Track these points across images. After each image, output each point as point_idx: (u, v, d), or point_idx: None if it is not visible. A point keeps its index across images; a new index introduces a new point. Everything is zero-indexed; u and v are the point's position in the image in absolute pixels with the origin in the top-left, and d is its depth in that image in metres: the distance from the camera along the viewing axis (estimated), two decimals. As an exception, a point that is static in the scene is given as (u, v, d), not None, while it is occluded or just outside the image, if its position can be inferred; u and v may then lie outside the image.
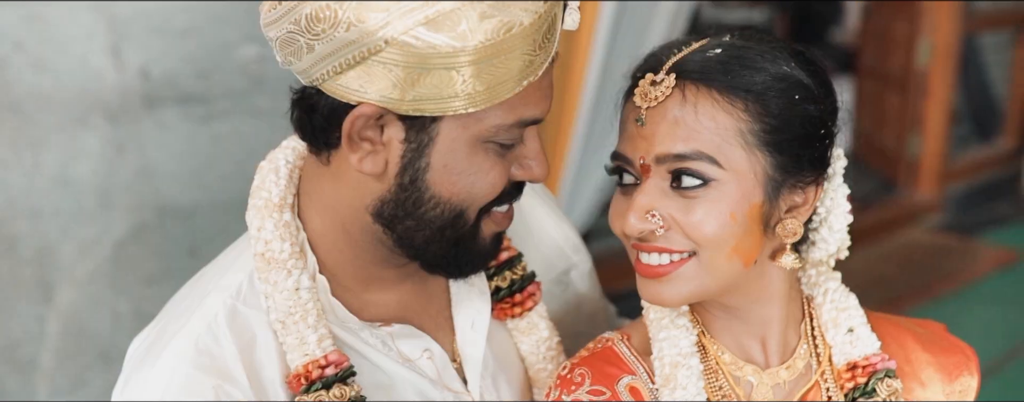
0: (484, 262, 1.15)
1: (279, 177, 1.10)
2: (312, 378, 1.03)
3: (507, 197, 1.09)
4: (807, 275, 1.19)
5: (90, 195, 2.22)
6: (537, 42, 0.99)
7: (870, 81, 5.66)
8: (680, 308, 1.14)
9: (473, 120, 1.01)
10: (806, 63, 1.08)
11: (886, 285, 4.22)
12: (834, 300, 1.17)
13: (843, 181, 1.14)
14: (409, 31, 0.94)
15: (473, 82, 0.97)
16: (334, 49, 0.96)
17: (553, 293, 1.30)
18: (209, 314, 1.05)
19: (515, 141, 1.06)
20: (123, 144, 2.24)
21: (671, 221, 1.04)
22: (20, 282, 2.20)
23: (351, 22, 0.94)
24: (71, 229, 2.22)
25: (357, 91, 0.98)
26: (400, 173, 1.03)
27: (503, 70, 0.98)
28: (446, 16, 0.94)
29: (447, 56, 0.95)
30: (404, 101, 0.98)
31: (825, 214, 1.13)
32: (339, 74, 0.98)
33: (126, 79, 2.21)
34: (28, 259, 2.20)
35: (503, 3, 0.95)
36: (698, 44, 1.07)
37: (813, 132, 1.07)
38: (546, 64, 1.02)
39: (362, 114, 0.99)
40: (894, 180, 5.32)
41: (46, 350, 2.25)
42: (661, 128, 1.03)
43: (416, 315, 1.17)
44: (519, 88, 1.00)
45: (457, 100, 0.98)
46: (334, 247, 1.10)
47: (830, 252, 1.15)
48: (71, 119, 2.17)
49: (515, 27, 0.96)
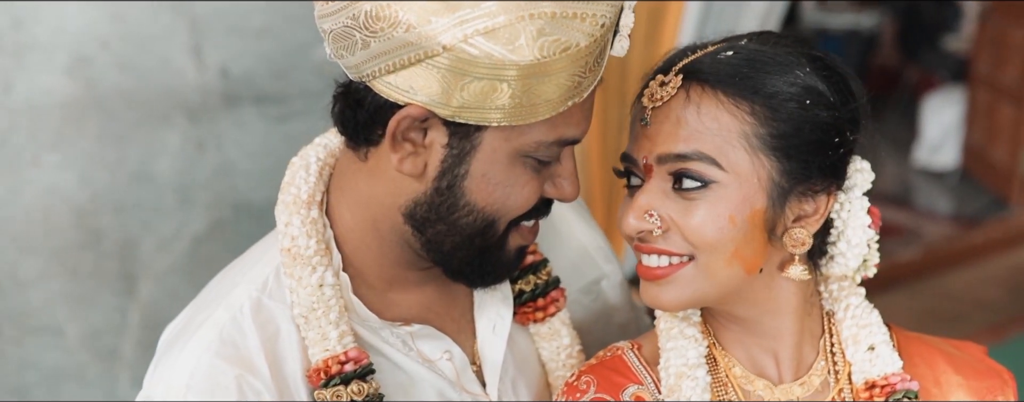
0: (506, 274, 1.15)
1: (309, 174, 1.11)
2: (331, 373, 1.05)
3: (536, 212, 1.10)
4: (829, 290, 1.15)
5: (170, 191, 2.29)
6: (588, 65, 1.00)
7: (983, 91, 5.43)
8: (692, 318, 1.12)
9: (516, 133, 1.02)
10: (823, 69, 1.05)
11: (990, 309, 4.03)
12: (855, 316, 1.12)
13: (865, 194, 1.09)
14: (468, 39, 0.94)
15: (520, 96, 0.98)
16: (389, 48, 0.97)
17: (581, 302, 1.29)
18: (235, 305, 1.07)
19: (553, 159, 1.06)
20: (202, 142, 2.30)
21: (670, 222, 1.03)
22: (104, 274, 2.28)
23: (411, 24, 0.95)
24: (152, 224, 2.29)
25: (406, 92, 0.99)
26: (438, 177, 1.04)
27: (551, 88, 0.98)
28: (506, 28, 0.94)
29: (499, 67, 0.95)
30: (449, 107, 0.99)
31: (842, 227, 1.09)
32: (390, 73, 0.98)
33: (206, 78, 2.27)
34: (111, 252, 2.28)
35: (563, 23, 0.96)
36: (714, 47, 1.06)
37: (825, 139, 1.03)
38: (592, 87, 1.03)
39: (408, 115, 1.00)
40: (1005, 198, 5.10)
41: (127, 340, 2.32)
42: (664, 128, 1.03)
43: (438, 316, 1.17)
44: (564, 107, 1.01)
45: (501, 112, 0.99)
46: (361, 244, 1.11)
47: (850, 267, 1.10)
48: (153, 117, 2.24)
49: (571, 48, 0.97)
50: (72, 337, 2.28)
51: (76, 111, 2.16)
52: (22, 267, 2.18)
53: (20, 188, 2.14)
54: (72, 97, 2.15)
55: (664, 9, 2.34)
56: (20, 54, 2.09)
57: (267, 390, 1.04)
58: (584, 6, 0.97)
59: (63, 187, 2.18)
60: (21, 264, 2.18)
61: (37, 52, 2.11)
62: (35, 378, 2.22)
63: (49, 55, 2.12)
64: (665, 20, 2.34)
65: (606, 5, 0.98)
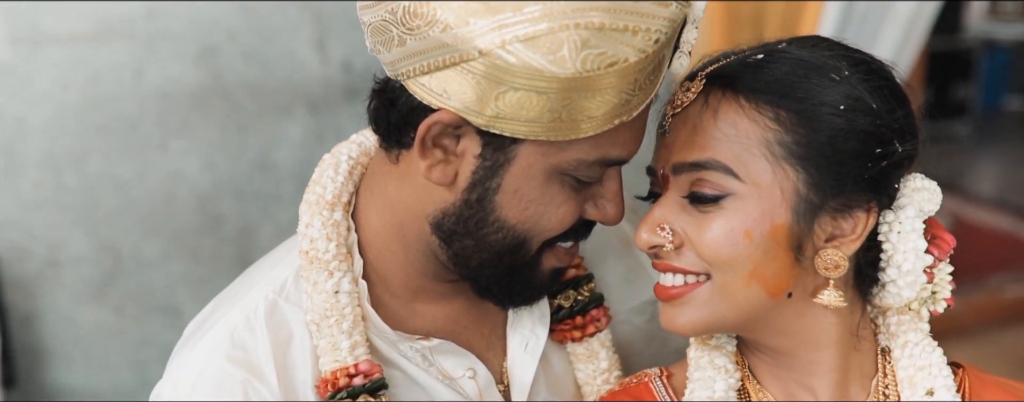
0: (538, 296, 1.08)
1: (337, 173, 1.07)
2: (339, 386, 0.99)
3: (574, 234, 1.02)
4: (886, 324, 1.02)
5: (289, 180, 2.32)
6: (638, 82, 0.91)
7: None
8: (725, 347, 1.02)
9: (555, 149, 0.94)
10: (866, 73, 0.93)
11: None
12: (913, 355, 0.99)
13: (922, 215, 0.95)
14: (506, 45, 0.87)
15: (560, 111, 0.90)
16: (425, 48, 0.91)
17: (632, 322, 1.19)
18: (250, 307, 1.03)
19: (594, 179, 0.99)
20: (322, 133, 2.32)
21: (684, 237, 0.94)
22: (223, 258, 2.35)
23: (449, 24, 0.88)
24: (270, 211, 2.34)
25: (439, 95, 0.92)
26: (469, 188, 0.97)
27: (595, 105, 0.90)
28: (548, 37, 0.86)
29: (538, 78, 0.88)
30: (484, 115, 0.92)
31: (892, 251, 0.95)
32: (425, 74, 0.92)
33: (329, 71, 2.29)
34: (230, 238, 2.34)
35: (612, 35, 0.87)
36: (749, 50, 0.96)
37: (863, 150, 0.91)
38: (643, 106, 0.94)
39: (440, 120, 0.94)
40: None
41: (247, 324, 2.37)
42: (681, 135, 0.95)
43: (466, 331, 1.10)
44: (609, 126, 0.93)
45: (540, 126, 0.91)
46: (387, 249, 1.05)
47: (904, 297, 0.97)
48: (276, 107, 2.28)
49: (618, 63, 0.88)
50: (189, 317, 2.34)
51: (202, 99, 2.22)
52: (146, 248, 2.27)
53: (147, 172, 2.22)
54: (199, 86, 2.21)
55: (800, 10, 2.17)
56: (152, 43, 2.17)
57: (272, 397, 1.00)
58: (637, 19, 0.87)
59: (187, 172, 2.25)
60: (145, 245, 2.27)
61: (168, 41, 2.18)
62: (153, 355, 2.30)
63: (179, 44, 2.19)
64: (800, 22, 2.18)
65: (662, 20, 0.89)
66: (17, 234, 2.18)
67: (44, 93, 2.13)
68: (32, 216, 2.18)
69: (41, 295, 2.26)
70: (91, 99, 2.15)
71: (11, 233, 2.17)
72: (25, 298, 2.23)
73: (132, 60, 2.17)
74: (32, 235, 2.19)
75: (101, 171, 2.21)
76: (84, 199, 2.21)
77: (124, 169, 2.22)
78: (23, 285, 2.22)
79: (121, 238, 2.25)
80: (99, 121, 2.17)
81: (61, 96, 2.14)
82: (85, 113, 2.16)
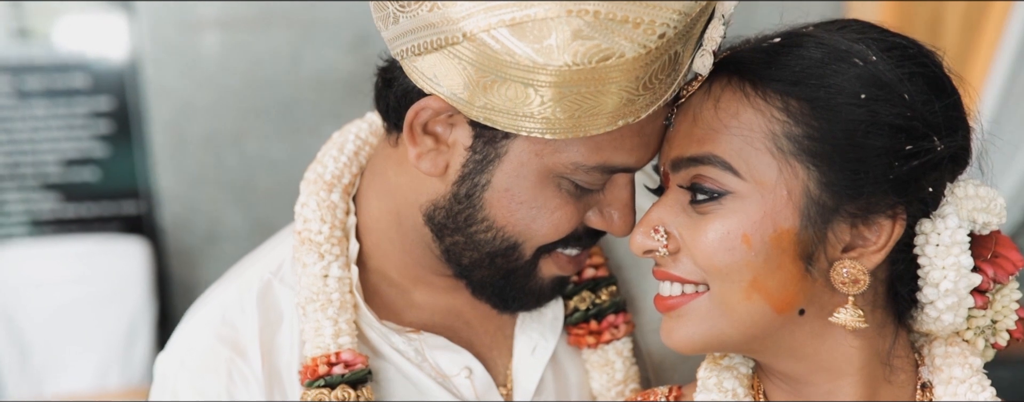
0: (536, 303, 0.99)
1: (341, 153, 1.03)
2: (318, 373, 0.95)
3: (576, 242, 0.94)
4: (931, 355, 0.87)
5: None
6: (642, 81, 0.82)
7: None
8: (738, 368, 0.90)
9: (549, 149, 0.87)
10: (899, 58, 0.79)
11: None
12: (957, 393, 0.83)
13: (967, 227, 0.80)
14: (490, 30, 0.80)
15: (552, 107, 0.82)
16: (414, 27, 0.85)
17: None
18: (244, 285, 1.01)
19: (595, 186, 0.90)
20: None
21: (680, 241, 0.84)
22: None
23: (436, 2, 0.82)
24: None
25: (430, 80, 0.86)
26: (458, 182, 0.91)
27: (593, 103, 0.82)
28: (535, 23, 0.79)
29: (526, 69, 0.80)
30: (474, 106, 0.85)
31: (928, 266, 0.81)
32: (417, 56, 0.87)
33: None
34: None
35: (608, 26, 0.78)
36: (769, 34, 0.84)
37: (888, 145, 0.78)
38: (652, 108, 0.85)
39: (429, 107, 0.88)
40: None
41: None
42: (682, 128, 0.86)
43: (466, 327, 1.03)
44: (611, 127, 0.84)
45: (531, 121, 0.83)
46: (385, 236, 1.00)
47: (945, 323, 0.82)
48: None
49: (612, 57, 0.79)
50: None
51: (354, 86, 2.27)
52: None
53: (299, 155, 2.29)
54: (351, 73, 2.27)
55: (985, 9, 1.92)
56: (309, 30, 2.24)
57: (254, 378, 0.97)
58: (641, 10, 0.78)
59: (338, 157, 2.31)
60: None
61: (325, 29, 2.25)
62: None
63: (335, 33, 2.25)
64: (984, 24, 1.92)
65: (671, 12, 0.79)
66: (181, 208, 2.32)
67: (208, 76, 2.25)
68: (195, 192, 2.32)
69: (201, 266, 2.39)
70: (251, 83, 2.26)
71: (176, 207, 2.32)
72: (187, 268, 2.38)
73: (290, 47, 2.25)
74: (195, 209, 2.33)
75: (258, 152, 2.31)
76: (242, 178, 2.32)
77: (279, 151, 2.32)
78: (185, 256, 2.36)
79: (275, 216, 2.34)
80: (258, 104, 2.27)
81: (224, 79, 2.25)
82: (245, 96, 2.27)
